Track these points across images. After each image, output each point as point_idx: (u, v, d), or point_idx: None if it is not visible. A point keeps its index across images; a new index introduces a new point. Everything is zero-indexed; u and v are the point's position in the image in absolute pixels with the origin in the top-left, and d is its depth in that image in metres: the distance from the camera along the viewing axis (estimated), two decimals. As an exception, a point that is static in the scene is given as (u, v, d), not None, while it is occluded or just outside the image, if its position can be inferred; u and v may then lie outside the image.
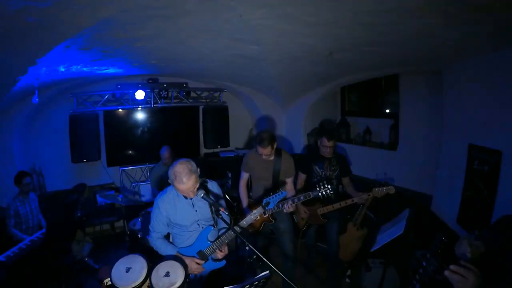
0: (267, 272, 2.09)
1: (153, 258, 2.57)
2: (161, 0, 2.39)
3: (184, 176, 2.40)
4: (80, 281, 4.08)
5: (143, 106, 6.16)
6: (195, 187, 2.48)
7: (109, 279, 2.36)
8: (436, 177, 4.51)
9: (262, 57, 4.25)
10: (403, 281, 3.55)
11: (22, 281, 3.52)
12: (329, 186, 3.18)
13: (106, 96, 5.81)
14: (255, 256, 2.21)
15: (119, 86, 5.85)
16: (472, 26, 2.64)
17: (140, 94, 5.75)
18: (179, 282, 2.30)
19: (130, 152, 6.38)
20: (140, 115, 6.33)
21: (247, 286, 2.02)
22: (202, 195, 2.45)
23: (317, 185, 3.24)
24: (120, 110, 6.14)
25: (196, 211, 2.70)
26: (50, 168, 5.83)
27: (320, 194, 3.22)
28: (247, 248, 2.28)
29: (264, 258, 2.11)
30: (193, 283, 2.72)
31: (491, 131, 3.38)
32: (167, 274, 2.35)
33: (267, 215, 3.40)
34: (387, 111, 5.95)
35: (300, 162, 3.89)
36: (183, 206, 2.68)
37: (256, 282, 2.02)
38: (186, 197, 2.61)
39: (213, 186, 2.87)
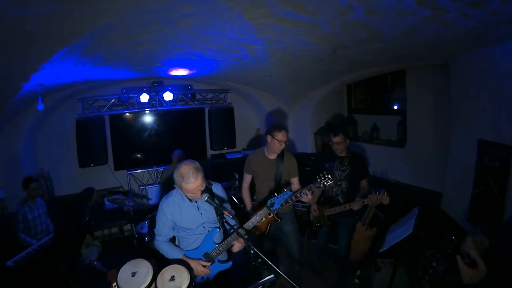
0: (272, 276, 2.06)
1: (161, 262, 2.56)
2: (159, 3, 2.38)
3: (192, 175, 2.38)
4: (89, 285, 4.09)
5: (148, 109, 6.17)
6: (203, 186, 2.46)
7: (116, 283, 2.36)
8: (445, 174, 4.42)
9: (265, 56, 4.23)
10: (413, 281, 3.48)
11: (31, 286, 3.54)
12: (329, 176, 3.09)
13: (112, 100, 5.84)
14: (259, 260, 2.17)
15: (124, 90, 5.88)
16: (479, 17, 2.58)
17: (144, 97, 5.74)
18: (184, 286, 2.30)
19: (137, 155, 6.41)
20: (146, 118, 6.35)
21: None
22: (206, 198, 2.43)
23: (317, 177, 3.14)
24: (126, 113, 6.17)
25: (201, 214, 2.68)
26: (58, 173, 5.90)
27: (321, 185, 3.12)
28: (252, 251, 2.24)
29: (269, 262, 2.08)
30: (199, 286, 2.71)
31: (501, 126, 3.29)
32: (172, 278, 2.35)
33: (272, 215, 3.36)
34: (395, 107, 5.86)
35: (313, 164, 3.79)
36: (188, 209, 2.66)
37: (261, 286, 1.99)
38: (191, 200, 2.59)
39: (217, 188, 2.85)
